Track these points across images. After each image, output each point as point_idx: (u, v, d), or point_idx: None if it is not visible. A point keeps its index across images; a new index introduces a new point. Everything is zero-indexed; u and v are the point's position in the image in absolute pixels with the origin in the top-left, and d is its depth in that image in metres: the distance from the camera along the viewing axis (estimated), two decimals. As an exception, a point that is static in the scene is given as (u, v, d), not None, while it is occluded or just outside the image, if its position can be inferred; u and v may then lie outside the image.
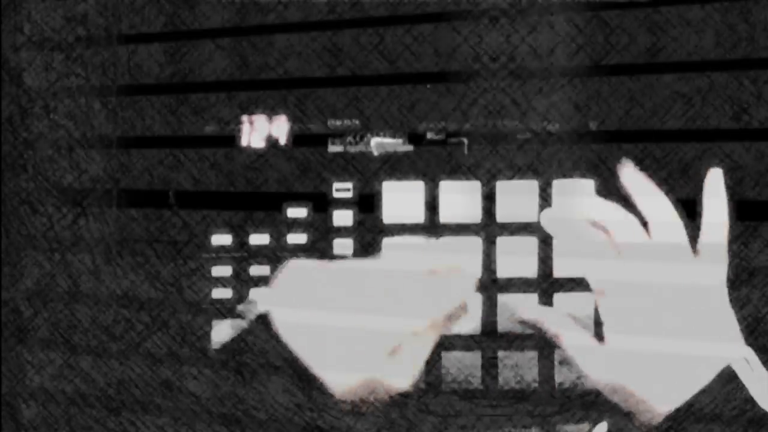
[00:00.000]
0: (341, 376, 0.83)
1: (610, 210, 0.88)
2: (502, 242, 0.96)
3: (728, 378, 0.80)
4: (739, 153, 0.98)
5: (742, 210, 0.96)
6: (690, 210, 0.87)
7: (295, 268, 0.86)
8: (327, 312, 0.84)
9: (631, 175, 0.89)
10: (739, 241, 0.97)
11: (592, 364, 0.86)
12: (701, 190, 0.87)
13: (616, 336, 0.85)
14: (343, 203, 0.98)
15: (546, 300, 0.95)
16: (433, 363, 0.96)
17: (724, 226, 0.86)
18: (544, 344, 0.93)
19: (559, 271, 0.95)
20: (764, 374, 0.81)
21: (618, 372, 0.84)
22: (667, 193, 0.88)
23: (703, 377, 0.81)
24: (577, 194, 0.96)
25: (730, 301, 0.85)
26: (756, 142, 0.98)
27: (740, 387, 0.80)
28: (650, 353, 0.82)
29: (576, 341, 0.87)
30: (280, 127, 1.00)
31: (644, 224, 0.88)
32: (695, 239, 0.86)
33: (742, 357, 0.81)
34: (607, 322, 0.85)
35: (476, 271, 0.96)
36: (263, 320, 0.84)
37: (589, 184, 0.96)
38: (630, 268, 0.85)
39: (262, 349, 0.83)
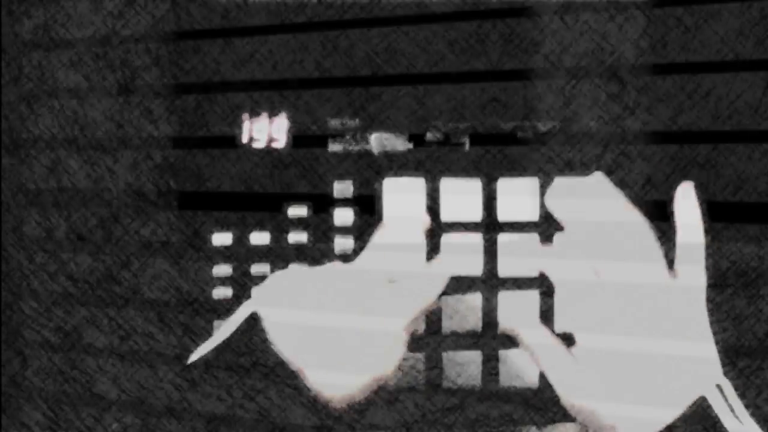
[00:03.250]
0: (328, 377, 0.83)
1: (582, 211, 0.87)
2: (503, 240, 0.96)
3: (701, 408, 0.79)
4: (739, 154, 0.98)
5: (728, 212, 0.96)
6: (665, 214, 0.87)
7: (287, 272, 0.87)
8: (314, 313, 0.84)
9: (599, 188, 0.88)
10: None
11: (565, 383, 0.85)
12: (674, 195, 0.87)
13: (588, 357, 0.84)
14: (343, 202, 0.98)
15: (547, 298, 0.95)
16: (433, 362, 0.96)
17: (700, 245, 0.85)
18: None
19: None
20: (739, 405, 0.80)
21: (590, 394, 0.83)
22: (641, 198, 0.87)
23: (676, 406, 0.80)
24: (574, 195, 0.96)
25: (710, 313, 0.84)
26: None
27: (713, 418, 0.79)
28: (624, 379, 0.81)
29: (551, 357, 0.86)
30: (280, 127, 1.00)
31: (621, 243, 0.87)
32: (671, 251, 0.86)
33: (716, 386, 0.80)
34: (581, 343, 0.84)
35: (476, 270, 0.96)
36: (253, 321, 0.84)
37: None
38: (605, 289, 0.84)
39: (251, 351, 0.83)
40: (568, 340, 0.85)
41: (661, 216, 0.87)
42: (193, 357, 0.86)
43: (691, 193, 0.86)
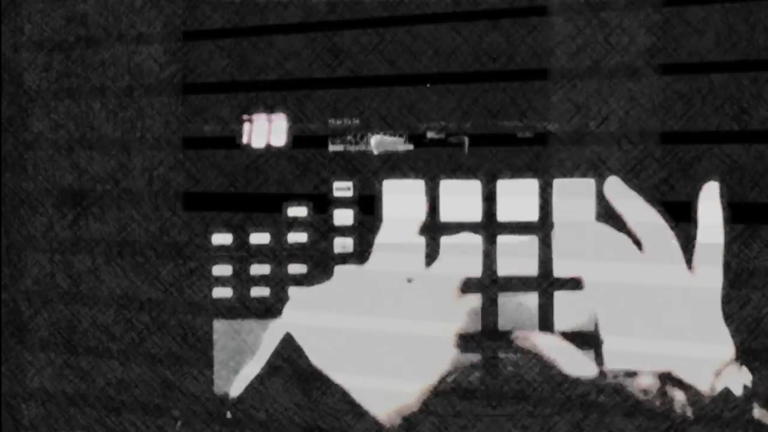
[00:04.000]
0: (373, 388, 0.82)
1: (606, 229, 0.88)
2: (503, 241, 0.96)
3: (727, 396, 0.80)
4: (738, 154, 0.98)
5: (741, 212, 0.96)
6: (687, 213, 0.87)
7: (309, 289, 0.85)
8: (350, 323, 0.82)
9: (617, 192, 0.89)
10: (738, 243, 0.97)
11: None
12: (698, 194, 0.87)
13: (612, 356, 0.85)
14: (343, 202, 0.98)
15: (546, 299, 0.95)
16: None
17: (719, 245, 0.86)
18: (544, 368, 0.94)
19: (559, 270, 0.95)
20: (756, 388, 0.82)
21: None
22: (659, 203, 0.87)
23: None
24: (578, 195, 0.96)
25: (728, 316, 0.85)
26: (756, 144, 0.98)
27: (735, 400, 0.80)
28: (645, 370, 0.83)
29: (575, 366, 0.87)
30: (280, 127, 1.00)
31: (637, 243, 0.87)
32: (690, 252, 0.86)
33: (738, 377, 0.81)
34: (606, 342, 0.85)
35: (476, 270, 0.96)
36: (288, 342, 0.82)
37: (590, 184, 0.96)
38: (625, 288, 0.85)
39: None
40: (595, 342, 0.86)
41: (682, 216, 0.88)
42: (237, 386, 0.83)
43: (716, 192, 0.87)
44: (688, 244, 0.86)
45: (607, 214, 0.90)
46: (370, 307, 0.82)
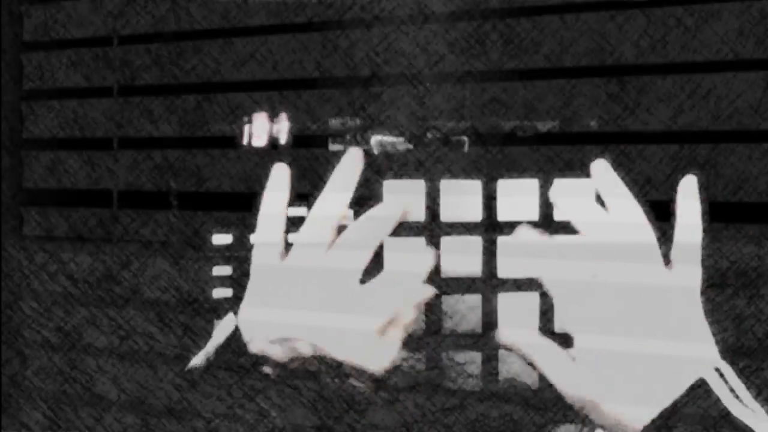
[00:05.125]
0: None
1: (584, 211, 0.87)
2: (503, 242, 0.96)
3: (701, 390, 0.79)
4: (738, 154, 0.98)
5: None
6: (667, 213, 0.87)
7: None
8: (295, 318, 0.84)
9: (602, 174, 0.88)
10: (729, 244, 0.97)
11: (566, 381, 0.86)
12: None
13: (585, 346, 0.84)
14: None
15: (546, 299, 0.95)
16: (433, 361, 0.96)
17: (697, 234, 0.85)
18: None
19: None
20: (738, 385, 0.80)
21: (591, 388, 0.83)
22: (641, 196, 0.87)
23: (675, 390, 0.80)
24: (577, 194, 0.96)
25: (708, 309, 0.84)
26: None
27: (714, 399, 0.79)
28: (622, 368, 0.82)
29: (551, 362, 0.86)
30: (280, 127, 1.00)
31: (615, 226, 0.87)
32: (668, 246, 0.86)
33: (715, 368, 0.80)
34: (577, 332, 0.85)
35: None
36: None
37: (588, 184, 0.96)
38: (601, 289, 0.84)
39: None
40: (566, 340, 0.85)
41: (662, 215, 0.87)
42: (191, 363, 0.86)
43: (693, 184, 0.86)
44: (666, 240, 0.86)
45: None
46: (320, 303, 0.84)
